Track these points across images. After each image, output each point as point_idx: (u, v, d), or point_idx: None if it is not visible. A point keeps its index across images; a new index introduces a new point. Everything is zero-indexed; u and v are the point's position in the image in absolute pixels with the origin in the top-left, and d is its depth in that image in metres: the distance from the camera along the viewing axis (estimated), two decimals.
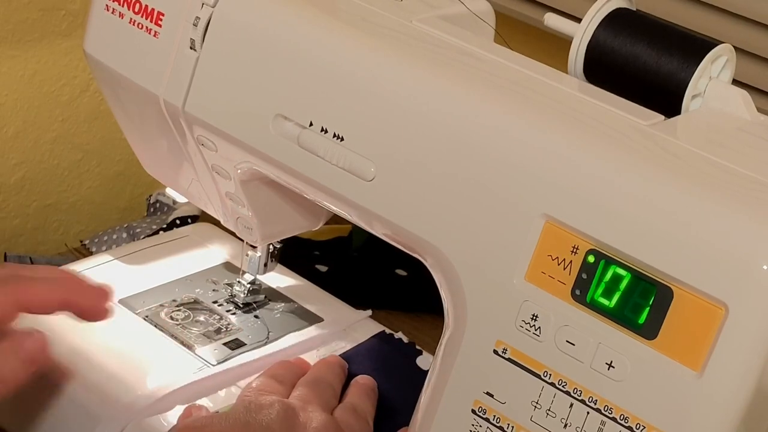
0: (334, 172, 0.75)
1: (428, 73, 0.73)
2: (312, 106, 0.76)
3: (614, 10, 0.76)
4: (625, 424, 0.65)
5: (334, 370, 0.88)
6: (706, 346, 0.62)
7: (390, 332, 0.94)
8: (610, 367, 0.65)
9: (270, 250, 0.97)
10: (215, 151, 0.84)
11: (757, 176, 0.66)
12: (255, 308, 0.97)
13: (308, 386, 0.84)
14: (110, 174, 1.29)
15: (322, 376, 0.87)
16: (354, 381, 0.88)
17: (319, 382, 0.85)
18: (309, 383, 0.85)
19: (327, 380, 0.86)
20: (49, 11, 1.17)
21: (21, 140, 1.19)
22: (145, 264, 1.01)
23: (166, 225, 1.14)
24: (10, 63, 1.16)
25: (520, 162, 0.68)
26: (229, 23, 0.80)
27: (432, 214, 0.72)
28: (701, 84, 0.73)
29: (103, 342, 0.89)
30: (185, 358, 0.90)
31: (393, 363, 0.91)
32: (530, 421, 0.68)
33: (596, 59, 0.76)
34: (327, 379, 0.86)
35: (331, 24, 0.77)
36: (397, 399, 0.87)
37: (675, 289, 0.63)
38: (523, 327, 0.68)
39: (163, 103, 0.84)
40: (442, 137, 0.71)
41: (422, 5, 0.82)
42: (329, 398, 0.84)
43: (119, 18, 0.85)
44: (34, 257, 1.10)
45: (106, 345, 0.89)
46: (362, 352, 0.92)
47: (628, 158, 0.66)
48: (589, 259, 0.66)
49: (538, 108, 0.71)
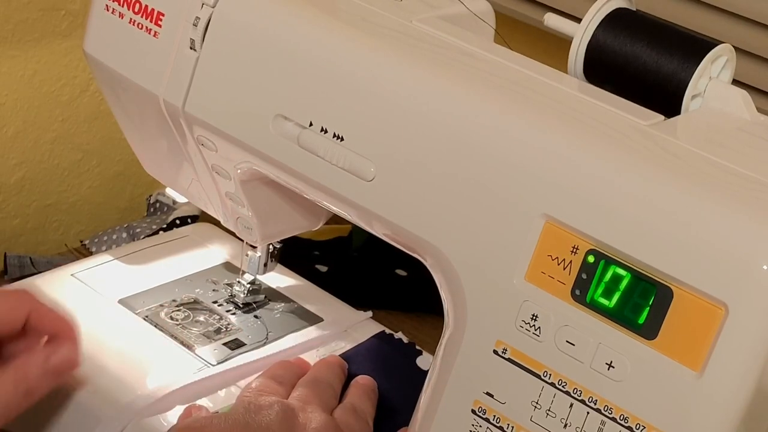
0: (334, 172, 0.75)
1: (428, 73, 0.73)
2: (312, 106, 0.76)
3: (614, 10, 0.76)
4: (625, 424, 0.65)
5: (333, 371, 0.88)
6: (706, 346, 0.62)
7: (390, 332, 0.94)
8: (610, 367, 0.65)
9: (270, 250, 0.97)
10: (215, 151, 0.84)
11: (757, 176, 0.66)
12: (255, 308, 0.97)
13: (308, 386, 0.84)
14: (110, 174, 1.28)
15: (322, 376, 0.87)
16: (354, 381, 0.88)
17: (318, 382, 0.85)
18: (308, 383, 0.85)
19: (327, 380, 0.86)
20: (49, 11, 1.17)
21: (21, 140, 1.19)
22: (145, 264, 1.01)
23: (166, 225, 1.14)
24: (10, 63, 1.16)
25: (520, 162, 0.68)
26: (229, 23, 0.80)
27: (432, 214, 0.72)
28: (701, 84, 0.73)
29: (103, 342, 0.89)
30: (185, 358, 0.90)
31: (393, 363, 0.91)
32: (530, 422, 0.68)
33: (596, 59, 0.76)
34: (327, 380, 0.86)
35: (331, 24, 0.77)
36: (397, 399, 0.87)
37: (675, 289, 0.63)
38: (523, 327, 0.68)
39: (163, 103, 0.84)
40: (442, 137, 0.71)
41: (422, 5, 0.82)
42: (329, 398, 0.84)
43: (119, 18, 0.85)
44: (34, 257, 1.10)
45: (107, 345, 0.89)
46: (362, 352, 0.92)
47: (628, 158, 0.66)
48: (589, 259, 0.66)
49: (538, 108, 0.71)
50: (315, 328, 0.96)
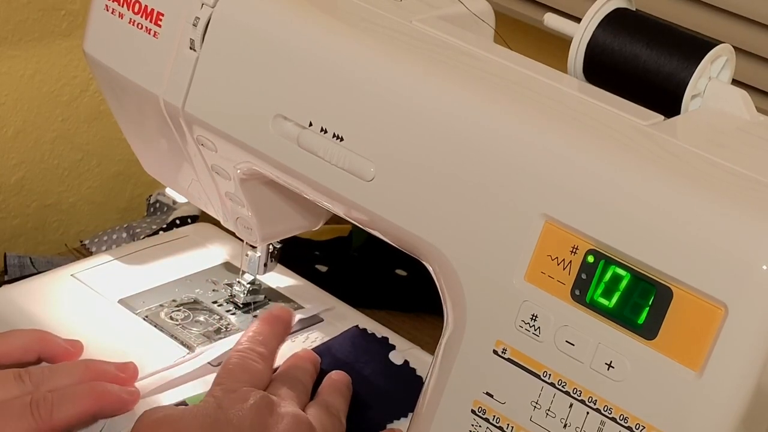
0: (333, 172, 0.75)
1: (428, 73, 0.73)
2: (311, 106, 0.76)
3: (614, 10, 0.76)
4: (624, 424, 0.65)
5: (305, 366, 0.87)
6: (705, 346, 0.62)
7: (363, 327, 0.94)
8: (610, 367, 0.65)
9: (270, 250, 0.97)
10: (215, 151, 0.84)
11: (757, 176, 0.66)
12: (255, 308, 0.97)
13: (280, 382, 0.84)
14: (110, 174, 1.29)
15: (294, 372, 0.86)
16: (327, 377, 0.87)
17: (290, 377, 0.85)
18: (280, 379, 0.84)
19: (297, 376, 0.85)
20: (49, 11, 1.17)
21: (21, 140, 1.19)
22: (145, 264, 1.01)
23: (166, 225, 1.14)
24: (10, 63, 1.16)
25: (520, 162, 0.68)
26: (229, 23, 0.80)
27: (432, 215, 0.72)
28: (701, 84, 0.73)
29: (103, 342, 0.89)
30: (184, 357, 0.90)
31: (365, 358, 0.91)
32: (530, 422, 0.68)
33: (596, 59, 0.76)
34: (297, 375, 0.85)
35: (331, 24, 0.77)
36: (368, 394, 0.87)
37: (674, 289, 0.63)
38: (522, 327, 0.68)
39: (163, 103, 0.84)
40: (441, 137, 0.71)
41: (422, 5, 0.82)
42: (300, 394, 0.83)
43: (119, 18, 0.85)
44: (34, 257, 1.10)
45: (107, 345, 0.89)
46: (335, 346, 0.92)
47: (628, 158, 0.66)
48: (589, 259, 0.66)
49: (538, 108, 0.71)
50: (315, 328, 0.96)
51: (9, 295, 0.94)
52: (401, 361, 0.91)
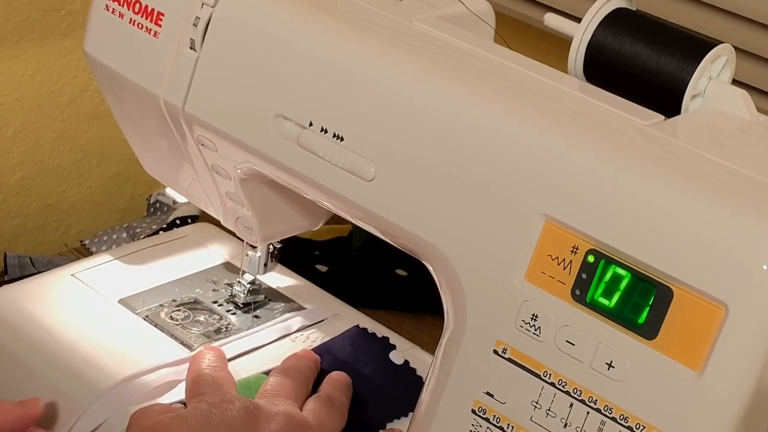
0: (333, 172, 0.75)
1: (428, 73, 0.73)
2: (312, 106, 0.76)
3: (614, 10, 0.76)
4: (624, 424, 0.65)
5: (305, 365, 0.87)
6: (706, 346, 0.62)
7: (364, 327, 0.94)
8: (610, 367, 0.65)
9: (270, 250, 0.97)
10: (215, 151, 0.84)
11: (757, 176, 0.66)
12: (255, 308, 0.97)
13: (278, 377, 0.84)
14: (110, 174, 1.28)
15: (294, 367, 0.86)
16: (328, 377, 0.87)
17: (290, 372, 0.85)
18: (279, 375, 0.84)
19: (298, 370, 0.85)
20: (49, 11, 1.17)
21: (21, 140, 1.19)
22: (145, 264, 1.01)
23: (166, 225, 1.14)
24: (10, 63, 1.16)
25: (520, 162, 0.68)
26: (229, 23, 0.80)
27: (432, 214, 0.72)
28: (701, 84, 0.73)
29: (103, 342, 0.89)
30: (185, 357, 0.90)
31: (366, 358, 0.91)
32: (530, 421, 0.68)
33: (596, 59, 0.76)
34: (298, 369, 0.85)
35: (331, 24, 0.77)
36: (368, 393, 0.87)
37: (675, 289, 0.63)
38: (523, 327, 0.68)
39: (163, 103, 0.84)
40: (442, 137, 0.71)
41: (422, 5, 0.82)
42: (299, 388, 0.83)
43: (119, 18, 0.85)
44: (34, 257, 1.10)
45: (107, 345, 0.89)
46: (335, 346, 0.92)
47: (628, 158, 0.66)
48: (589, 259, 0.66)
49: (538, 108, 0.71)
50: (315, 328, 0.96)
51: (9, 295, 0.95)
52: (401, 361, 0.91)
